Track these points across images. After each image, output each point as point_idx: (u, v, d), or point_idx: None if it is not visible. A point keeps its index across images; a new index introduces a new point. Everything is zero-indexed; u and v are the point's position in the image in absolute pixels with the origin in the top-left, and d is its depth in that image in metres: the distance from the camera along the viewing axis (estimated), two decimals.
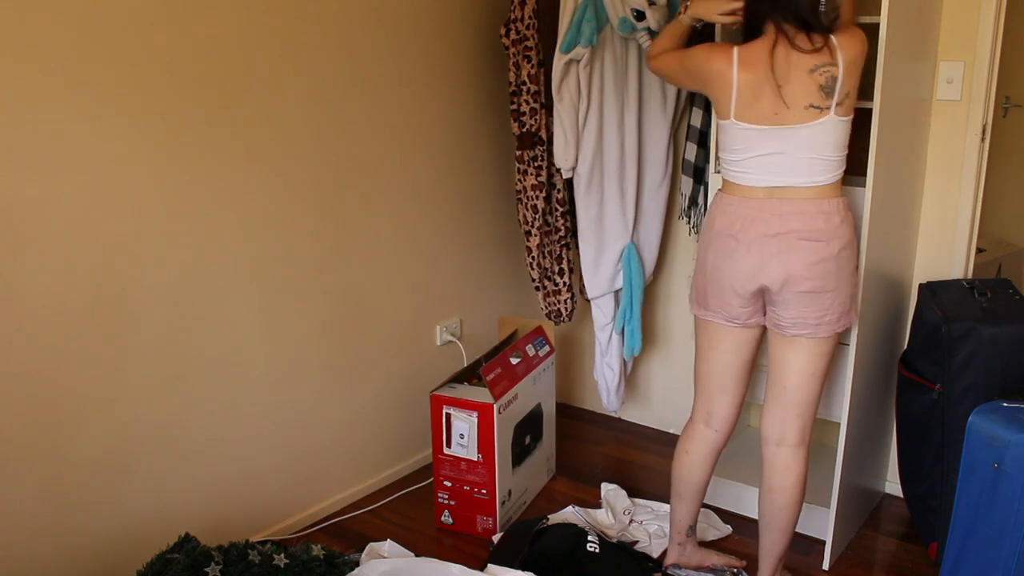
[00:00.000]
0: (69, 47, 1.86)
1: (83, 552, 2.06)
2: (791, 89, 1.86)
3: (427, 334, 2.90)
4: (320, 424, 2.59)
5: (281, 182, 2.35)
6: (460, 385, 2.54)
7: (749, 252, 1.94)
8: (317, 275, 2.49)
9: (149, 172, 2.06)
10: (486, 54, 2.90)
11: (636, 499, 2.66)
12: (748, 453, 2.84)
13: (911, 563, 2.41)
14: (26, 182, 1.84)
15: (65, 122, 1.89)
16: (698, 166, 2.71)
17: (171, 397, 2.19)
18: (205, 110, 2.14)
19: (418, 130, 2.72)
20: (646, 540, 2.47)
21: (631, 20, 2.55)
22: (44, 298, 1.91)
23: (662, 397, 3.23)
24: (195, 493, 2.29)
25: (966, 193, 2.46)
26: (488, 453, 2.44)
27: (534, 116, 2.73)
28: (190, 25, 2.07)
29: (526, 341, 2.67)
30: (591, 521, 2.53)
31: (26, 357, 1.90)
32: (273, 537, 2.42)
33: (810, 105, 1.87)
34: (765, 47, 1.88)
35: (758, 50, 1.89)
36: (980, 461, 1.93)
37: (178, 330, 2.17)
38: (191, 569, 1.86)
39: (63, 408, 1.98)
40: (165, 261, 2.12)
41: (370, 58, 2.53)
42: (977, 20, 2.34)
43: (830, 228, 1.91)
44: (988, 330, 2.13)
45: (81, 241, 1.95)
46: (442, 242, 2.88)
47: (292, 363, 2.47)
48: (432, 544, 2.51)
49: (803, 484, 2.09)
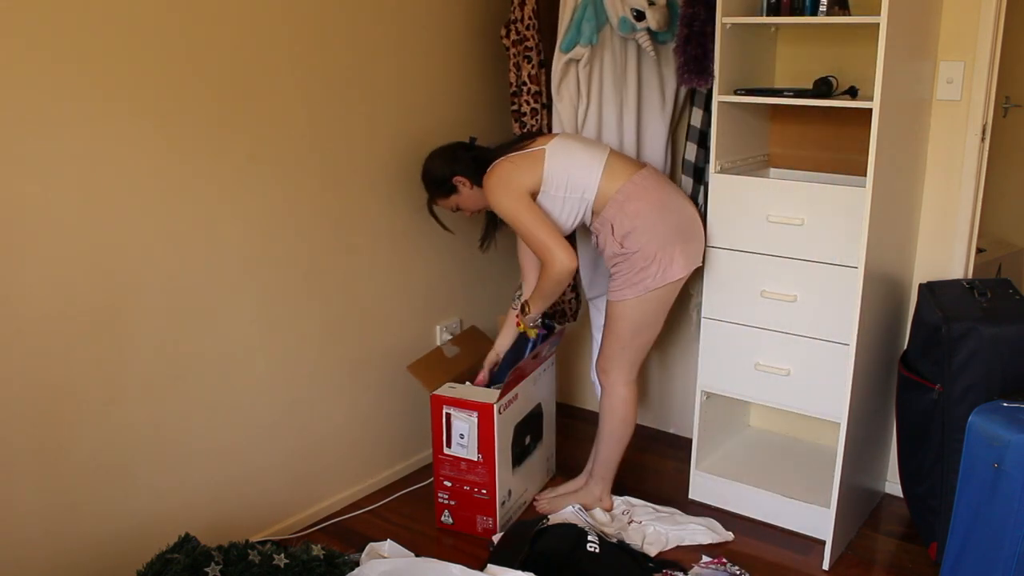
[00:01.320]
0: (69, 48, 1.86)
1: (83, 552, 2.06)
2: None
3: (427, 334, 2.90)
4: (320, 424, 2.59)
5: (281, 183, 2.35)
6: (460, 385, 2.54)
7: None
8: (317, 275, 2.49)
9: (149, 172, 2.06)
10: (486, 55, 2.90)
11: (633, 499, 2.66)
12: (748, 453, 2.84)
13: (911, 563, 2.41)
14: (26, 183, 1.84)
15: (65, 123, 1.88)
16: (698, 166, 2.71)
17: (171, 397, 2.19)
18: (205, 110, 2.14)
19: (418, 130, 2.72)
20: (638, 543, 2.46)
21: (631, 20, 2.55)
22: (44, 299, 1.91)
23: (661, 397, 3.23)
24: (195, 493, 2.29)
25: (966, 193, 2.46)
26: (488, 453, 2.44)
27: (535, 116, 2.73)
28: (191, 25, 2.07)
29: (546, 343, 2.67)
30: (591, 521, 2.53)
31: (26, 357, 1.90)
32: (273, 537, 2.42)
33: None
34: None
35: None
36: (980, 461, 1.93)
37: (178, 330, 2.17)
38: (191, 569, 1.86)
39: (63, 408, 1.98)
40: (165, 262, 2.12)
41: (370, 59, 2.53)
42: (977, 20, 2.34)
43: None
44: (988, 330, 2.13)
45: (81, 242, 1.95)
46: (442, 242, 2.88)
47: (292, 363, 2.47)
48: (432, 544, 2.51)
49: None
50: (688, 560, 2.39)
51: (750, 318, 2.50)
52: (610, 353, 2.50)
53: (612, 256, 2.41)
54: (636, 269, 2.37)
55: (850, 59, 2.50)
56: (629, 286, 2.39)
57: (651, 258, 2.35)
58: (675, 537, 2.47)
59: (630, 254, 2.37)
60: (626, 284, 2.40)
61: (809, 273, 2.37)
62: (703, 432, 2.70)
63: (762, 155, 2.73)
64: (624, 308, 2.42)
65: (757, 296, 2.47)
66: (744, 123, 2.59)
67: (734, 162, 2.56)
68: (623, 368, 2.51)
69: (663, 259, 2.36)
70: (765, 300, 2.46)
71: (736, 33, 2.41)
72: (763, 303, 2.46)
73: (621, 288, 2.41)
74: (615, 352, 2.49)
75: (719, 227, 2.50)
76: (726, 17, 2.35)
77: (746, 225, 2.45)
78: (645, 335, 2.48)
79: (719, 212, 2.49)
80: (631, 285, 2.39)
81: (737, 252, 2.49)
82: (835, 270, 2.33)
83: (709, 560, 2.38)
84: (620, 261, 2.39)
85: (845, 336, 2.30)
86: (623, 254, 2.38)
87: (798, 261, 2.39)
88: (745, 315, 2.51)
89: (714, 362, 2.59)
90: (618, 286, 2.42)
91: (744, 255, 2.47)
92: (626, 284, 2.40)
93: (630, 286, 2.39)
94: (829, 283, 2.34)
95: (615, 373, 2.51)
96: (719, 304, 2.55)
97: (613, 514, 2.59)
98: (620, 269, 2.40)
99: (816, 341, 2.40)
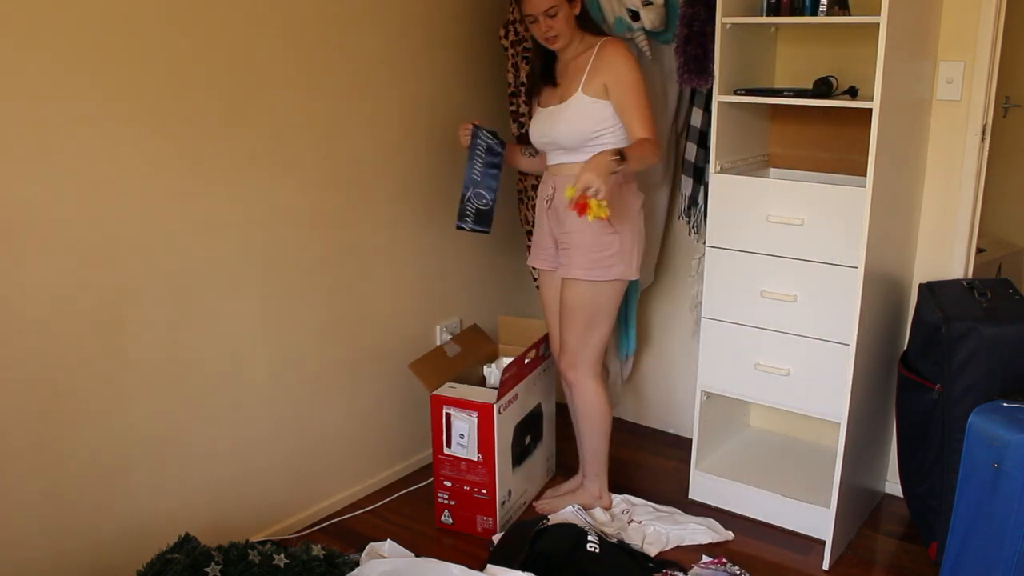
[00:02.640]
0: (69, 48, 1.86)
1: (83, 552, 2.06)
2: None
3: (427, 334, 2.90)
4: (320, 424, 2.59)
5: (281, 183, 2.35)
6: (460, 385, 2.54)
7: None
8: (317, 275, 2.49)
9: (149, 172, 2.06)
10: (485, 55, 2.90)
11: (634, 498, 2.66)
12: (748, 453, 2.84)
13: (911, 563, 2.41)
14: (26, 183, 1.84)
15: (66, 123, 1.88)
16: (698, 166, 2.71)
17: (171, 397, 2.19)
18: (206, 110, 2.14)
19: (418, 130, 2.72)
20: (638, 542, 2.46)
21: (627, 20, 2.55)
22: (44, 299, 1.91)
23: (661, 397, 3.23)
24: (195, 493, 2.29)
25: (966, 193, 2.46)
26: (488, 453, 2.44)
27: None
28: (191, 26, 2.07)
29: (541, 341, 2.66)
30: (591, 521, 2.53)
31: (27, 358, 1.90)
32: (273, 537, 2.42)
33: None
34: None
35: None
36: (980, 461, 1.93)
37: (178, 330, 2.17)
38: (191, 569, 1.86)
39: (64, 408, 1.98)
40: (165, 262, 2.12)
41: (370, 59, 2.53)
42: (977, 20, 2.34)
43: None
44: (988, 330, 2.13)
45: (82, 242, 1.95)
46: (443, 242, 2.88)
47: (292, 363, 2.47)
48: (432, 544, 2.51)
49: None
50: (688, 560, 2.39)
51: (750, 318, 2.50)
52: (576, 347, 2.43)
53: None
54: (612, 251, 2.32)
55: (850, 59, 2.50)
56: (600, 266, 2.32)
57: (628, 246, 2.34)
58: (675, 537, 2.47)
59: (616, 231, 2.31)
60: (596, 263, 2.32)
61: (809, 273, 2.37)
62: (703, 432, 2.70)
63: (762, 155, 2.73)
64: (591, 291, 2.35)
65: (757, 296, 2.47)
66: (744, 123, 2.59)
67: (734, 162, 2.56)
68: (589, 362, 2.46)
69: (635, 254, 2.37)
70: (765, 300, 2.46)
71: (736, 33, 2.41)
72: (763, 303, 2.46)
73: (588, 267, 2.33)
74: (579, 345, 2.43)
75: (719, 227, 2.50)
76: (726, 17, 2.35)
77: (746, 225, 2.45)
78: (606, 326, 2.42)
79: (719, 212, 2.49)
80: (603, 266, 2.32)
81: (737, 252, 2.49)
82: (835, 270, 2.33)
83: (709, 560, 2.38)
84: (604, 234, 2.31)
85: (845, 336, 2.30)
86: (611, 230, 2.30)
87: (798, 261, 2.39)
88: (745, 315, 2.51)
89: (714, 362, 2.59)
90: (584, 264, 2.33)
91: (744, 255, 2.47)
92: (596, 263, 2.32)
93: (601, 267, 2.32)
94: (829, 283, 2.34)
95: (583, 368, 2.46)
96: (719, 304, 2.55)
97: (613, 513, 2.59)
98: (593, 243, 2.31)
99: (816, 341, 2.40)
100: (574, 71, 2.36)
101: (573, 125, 2.33)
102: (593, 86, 2.31)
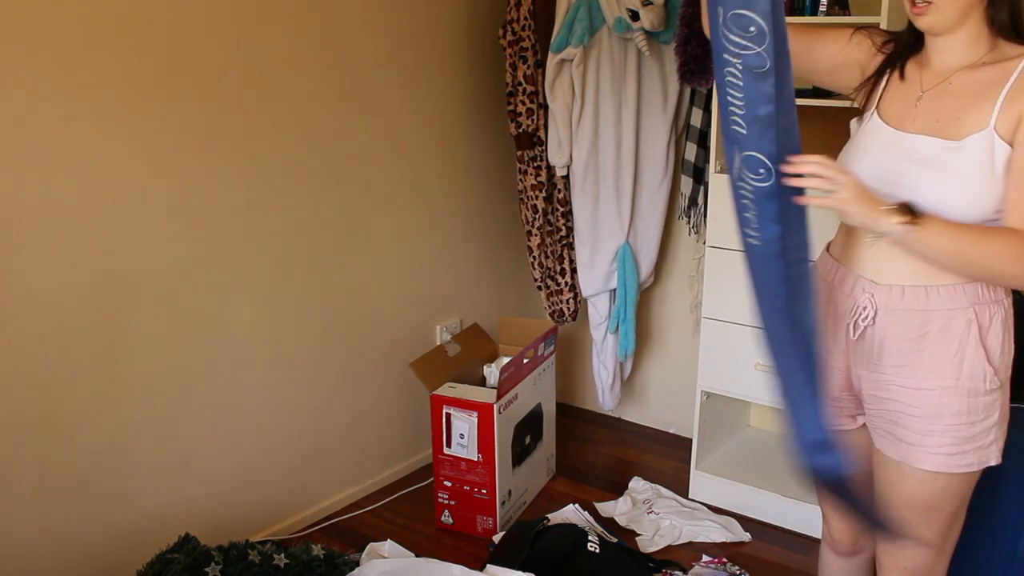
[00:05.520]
0: (69, 48, 1.87)
1: (83, 552, 2.06)
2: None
3: (427, 334, 2.90)
4: (320, 424, 2.59)
5: (281, 183, 2.35)
6: (460, 385, 2.54)
7: None
8: (317, 275, 2.49)
9: (149, 172, 2.06)
10: (483, 55, 2.90)
11: (664, 488, 2.66)
12: (748, 453, 2.84)
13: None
14: (26, 183, 1.85)
15: (66, 123, 1.89)
16: (698, 166, 2.71)
17: (171, 397, 2.19)
18: (206, 111, 2.14)
19: (417, 130, 2.72)
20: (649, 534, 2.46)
21: (626, 20, 2.55)
22: (44, 299, 1.91)
23: (661, 397, 3.23)
24: (195, 493, 2.29)
25: None
26: (488, 453, 2.44)
27: (531, 116, 2.73)
28: (190, 26, 2.07)
29: (540, 340, 2.67)
30: (591, 521, 2.53)
31: (27, 357, 1.90)
32: (273, 537, 2.42)
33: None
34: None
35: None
36: None
37: (179, 330, 2.18)
38: (191, 569, 1.86)
39: (63, 408, 1.98)
40: (166, 262, 2.12)
41: (368, 60, 2.53)
42: None
43: None
44: None
45: (82, 242, 1.96)
46: (443, 242, 2.88)
47: (292, 363, 2.47)
48: (432, 544, 2.51)
49: None
50: (688, 560, 2.39)
51: (750, 318, 2.49)
52: (931, 558, 1.54)
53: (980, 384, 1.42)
54: (992, 420, 1.43)
55: None
56: (975, 446, 1.43)
57: (1006, 408, 1.46)
58: (689, 532, 2.48)
59: (1000, 385, 1.43)
60: (967, 441, 1.43)
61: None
62: (703, 432, 2.70)
63: None
64: (957, 480, 1.46)
65: None
66: None
67: None
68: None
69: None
70: None
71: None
72: None
73: (952, 451, 1.44)
74: (936, 556, 1.54)
75: (719, 227, 2.50)
76: None
77: None
78: (964, 514, 1.55)
79: (719, 212, 2.49)
80: (978, 446, 1.44)
81: (737, 252, 2.48)
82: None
83: (709, 560, 2.38)
84: (983, 394, 1.42)
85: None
86: (995, 383, 1.42)
87: None
88: (745, 315, 2.51)
89: (714, 362, 2.59)
90: (945, 446, 1.44)
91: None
92: (967, 441, 1.43)
93: (977, 447, 1.43)
94: None
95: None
96: (719, 304, 2.55)
97: (635, 499, 2.58)
98: (958, 407, 1.42)
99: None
100: (968, 89, 1.40)
101: (971, 190, 1.36)
102: (1007, 121, 1.34)
